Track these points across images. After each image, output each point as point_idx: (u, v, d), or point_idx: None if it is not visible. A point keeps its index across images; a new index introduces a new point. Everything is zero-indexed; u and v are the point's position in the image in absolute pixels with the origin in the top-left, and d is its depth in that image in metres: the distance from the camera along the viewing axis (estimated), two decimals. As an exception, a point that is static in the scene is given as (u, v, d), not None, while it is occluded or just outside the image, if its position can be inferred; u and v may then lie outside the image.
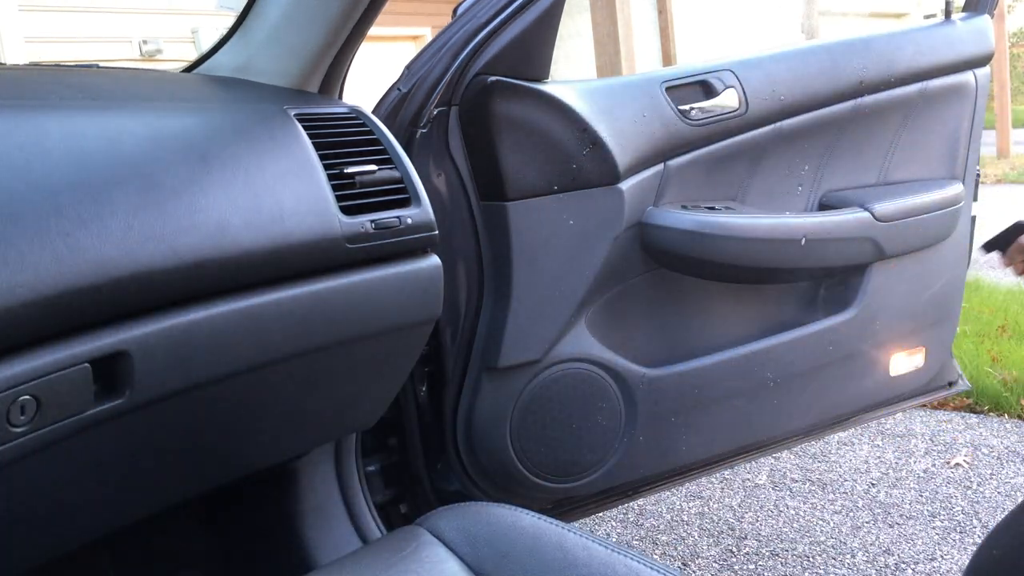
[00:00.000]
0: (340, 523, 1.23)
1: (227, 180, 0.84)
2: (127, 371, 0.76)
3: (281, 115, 0.95)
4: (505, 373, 1.30)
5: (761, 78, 1.47)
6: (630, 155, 1.35)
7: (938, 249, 1.61)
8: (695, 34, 8.63)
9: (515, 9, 1.23)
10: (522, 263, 1.28)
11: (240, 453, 0.99)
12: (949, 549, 1.78)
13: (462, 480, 1.36)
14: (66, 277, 0.70)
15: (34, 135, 0.75)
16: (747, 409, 1.50)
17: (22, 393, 0.68)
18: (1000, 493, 2.00)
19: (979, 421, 2.43)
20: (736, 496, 2.09)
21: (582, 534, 0.78)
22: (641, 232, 1.39)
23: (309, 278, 0.91)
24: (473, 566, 0.76)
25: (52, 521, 0.80)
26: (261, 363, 0.88)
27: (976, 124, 1.65)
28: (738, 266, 1.44)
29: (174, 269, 0.78)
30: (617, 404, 1.39)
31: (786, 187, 1.54)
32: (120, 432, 0.79)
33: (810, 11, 8.55)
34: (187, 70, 1.19)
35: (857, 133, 1.57)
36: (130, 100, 0.88)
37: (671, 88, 1.42)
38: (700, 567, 1.79)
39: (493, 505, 0.84)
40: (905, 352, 1.63)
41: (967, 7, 1.69)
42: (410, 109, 1.21)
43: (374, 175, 0.98)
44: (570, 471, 1.38)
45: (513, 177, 1.25)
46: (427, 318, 1.04)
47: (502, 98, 1.23)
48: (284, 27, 1.06)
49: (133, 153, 0.80)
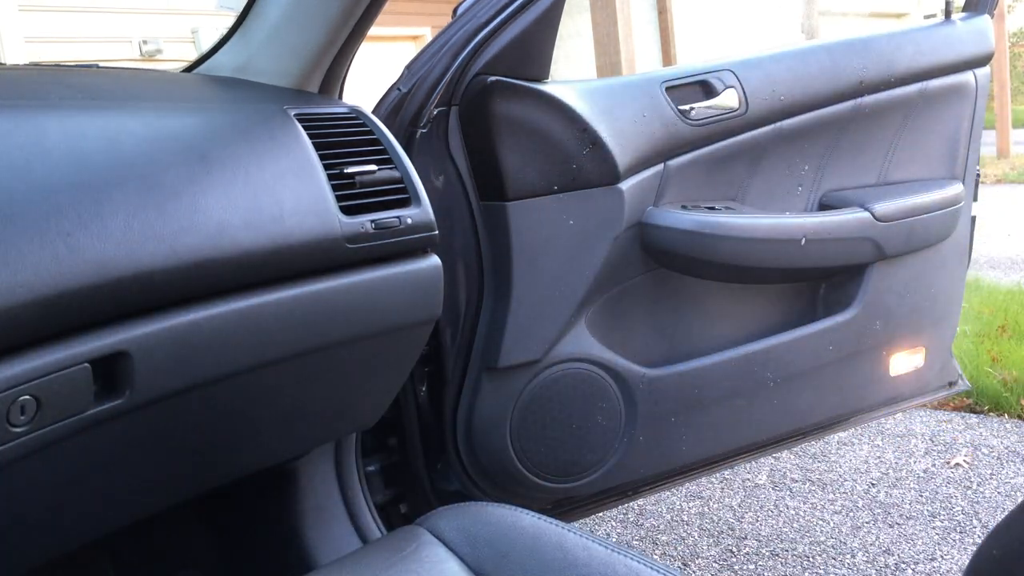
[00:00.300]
0: (340, 523, 1.23)
1: (227, 180, 0.84)
2: (127, 371, 0.76)
3: (281, 115, 0.95)
4: (505, 373, 1.30)
5: (761, 78, 1.47)
6: (630, 155, 1.35)
7: (938, 249, 1.61)
8: (695, 34, 8.63)
9: (515, 9, 1.23)
10: (522, 263, 1.28)
11: (240, 453, 0.99)
12: (949, 549, 1.78)
13: (462, 480, 1.36)
14: (66, 277, 0.70)
15: (34, 135, 0.75)
16: (747, 409, 1.50)
17: (22, 393, 0.68)
18: (1000, 493, 2.00)
19: (979, 421, 2.43)
20: (736, 496, 2.09)
21: (582, 534, 0.78)
22: (641, 232, 1.39)
23: (309, 278, 0.91)
24: (473, 566, 0.76)
25: (52, 521, 0.80)
26: (261, 363, 0.88)
27: (976, 124, 1.65)
28: (738, 266, 1.44)
29: (174, 269, 0.78)
30: (617, 404, 1.39)
31: (786, 187, 1.54)
32: (120, 432, 0.79)
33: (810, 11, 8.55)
34: (187, 70, 1.19)
35: (857, 133, 1.57)
36: (130, 100, 0.88)
37: (671, 88, 1.42)
38: (700, 567, 1.79)
39: (493, 505, 0.84)
40: (905, 352, 1.63)
41: (967, 7, 1.69)
42: (410, 109, 1.21)
43: (374, 175, 0.98)
44: (570, 471, 1.38)
45: (513, 177, 1.25)
46: (427, 318, 1.05)
47: (502, 98, 1.23)
48: (284, 27, 1.06)
49: (133, 153, 0.80)
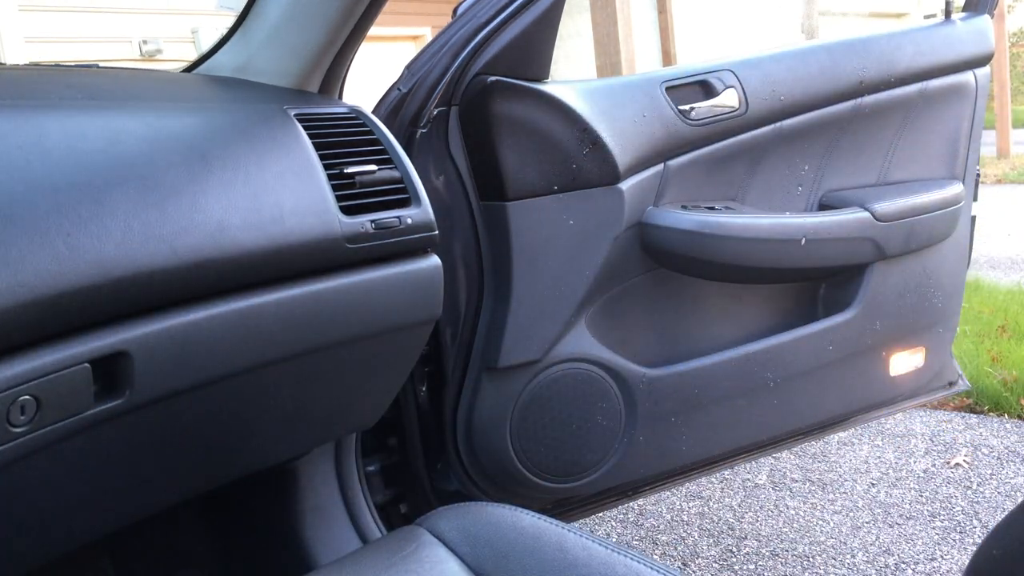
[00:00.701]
0: (340, 523, 1.23)
1: (227, 180, 0.84)
2: (127, 371, 0.76)
3: (281, 115, 0.95)
4: (505, 373, 1.30)
5: (761, 78, 1.47)
6: (630, 155, 1.35)
7: (938, 249, 1.61)
8: (695, 34, 8.63)
9: (515, 9, 1.23)
10: (522, 263, 1.28)
11: (240, 453, 0.99)
12: (949, 549, 1.78)
13: (462, 480, 1.36)
14: (66, 277, 0.70)
15: (34, 135, 0.75)
16: (747, 409, 1.50)
17: (22, 393, 0.68)
18: (1000, 493, 2.00)
19: (979, 421, 2.43)
20: (736, 496, 2.09)
21: (582, 534, 0.78)
22: (641, 232, 1.39)
23: (309, 278, 0.91)
24: (473, 566, 0.76)
25: (52, 521, 0.80)
26: (261, 363, 0.88)
27: (976, 124, 1.65)
28: (738, 266, 1.44)
29: (174, 269, 0.78)
30: (617, 404, 1.39)
31: (786, 187, 1.54)
32: (120, 432, 0.79)
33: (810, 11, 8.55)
34: (187, 70, 1.19)
35: (857, 133, 1.57)
36: (130, 100, 0.88)
37: (671, 88, 1.42)
38: (700, 567, 1.79)
39: (493, 505, 0.84)
40: (905, 352, 1.63)
41: (967, 7, 1.69)
42: (410, 109, 1.21)
43: (374, 175, 0.98)
44: (570, 471, 1.38)
45: (513, 177, 1.25)
46: (427, 318, 1.05)
47: (502, 98, 1.23)
48: (284, 27, 1.06)
49: (133, 153, 0.80)
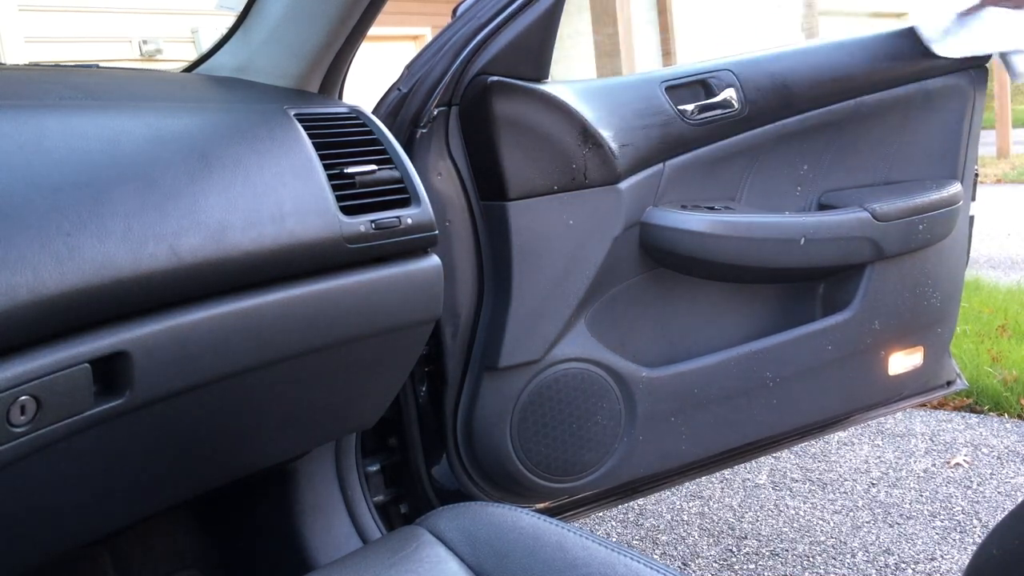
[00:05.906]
0: (340, 523, 1.23)
1: (227, 180, 0.84)
2: (127, 371, 0.76)
3: (281, 115, 0.95)
4: (505, 373, 1.30)
5: (761, 78, 1.47)
6: (630, 155, 1.35)
7: (937, 249, 1.61)
8: (695, 34, 8.63)
9: (515, 9, 1.23)
10: (522, 263, 1.28)
11: (240, 453, 0.99)
12: (949, 549, 1.78)
13: (462, 480, 1.36)
14: (66, 277, 0.70)
15: (34, 135, 0.75)
16: (747, 409, 1.50)
17: (22, 393, 0.68)
18: (1000, 493, 2.00)
19: (979, 421, 2.43)
20: (736, 496, 2.09)
21: (582, 534, 0.78)
22: (641, 232, 1.39)
23: (309, 278, 0.91)
24: (473, 566, 0.76)
25: (52, 521, 0.80)
26: (261, 363, 0.88)
27: (975, 124, 1.65)
28: (738, 266, 1.44)
29: (174, 269, 0.78)
30: (617, 404, 1.39)
31: (785, 187, 1.54)
32: (120, 432, 0.79)
33: (810, 11, 8.55)
34: (187, 70, 1.19)
35: (856, 133, 1.57)
36: (130, 100, 0.88)
37: (671, 88, 1.42)
38: (700, 567, 1.79)
39: (493, 505, 0.84)
40: (904, 352, 1.63)
41: (967, 7, 1.69)
42: (410, 109, 1.21)
43: (374, 175, 0.98)
44: (570, 471, 1.38)
45: (513, 177, 1.25)
46: (427, 318, 1.05)
47: (502, 98, 1.23)
48: (284, 27, 1.06)
49: (133, 153, 0.80)
